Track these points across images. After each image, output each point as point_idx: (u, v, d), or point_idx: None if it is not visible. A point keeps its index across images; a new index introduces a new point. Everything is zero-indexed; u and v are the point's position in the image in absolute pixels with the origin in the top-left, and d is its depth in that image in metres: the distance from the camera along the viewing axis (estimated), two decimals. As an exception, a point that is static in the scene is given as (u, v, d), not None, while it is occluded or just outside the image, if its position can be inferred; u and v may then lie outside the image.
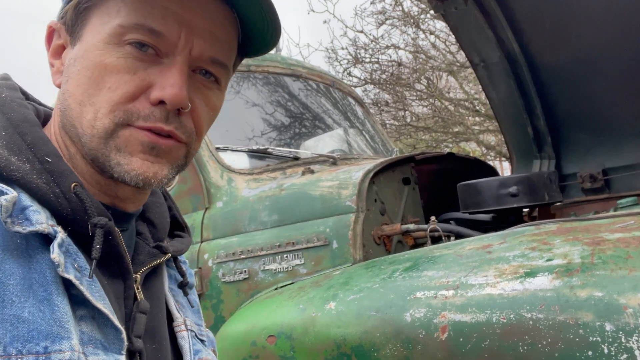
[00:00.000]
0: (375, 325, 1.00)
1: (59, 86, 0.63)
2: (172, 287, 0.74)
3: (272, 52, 2.85)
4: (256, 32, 0.66)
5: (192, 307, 0.76)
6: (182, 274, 0.75)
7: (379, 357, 0.98)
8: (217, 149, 1.78)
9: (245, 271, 1.50)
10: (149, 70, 0.59)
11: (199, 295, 1.57)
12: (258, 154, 1.83)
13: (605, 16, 1.98)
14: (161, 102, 0.58)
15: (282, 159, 1.86)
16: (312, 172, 1.68)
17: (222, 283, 1.54)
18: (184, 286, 0.75)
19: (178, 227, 0.79)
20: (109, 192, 0.63)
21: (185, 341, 0.70)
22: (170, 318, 0.71)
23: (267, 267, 1.47)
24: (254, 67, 2.10)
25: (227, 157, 1.78)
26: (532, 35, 2.23)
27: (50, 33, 0.66)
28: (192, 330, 0.72)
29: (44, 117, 0.67)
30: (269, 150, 1.83)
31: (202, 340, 0.75)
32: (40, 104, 0.70)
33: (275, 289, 1.43)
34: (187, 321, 0.72)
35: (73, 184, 0.56)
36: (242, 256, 1.52)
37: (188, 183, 1.76)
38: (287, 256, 1.46)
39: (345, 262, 1.38)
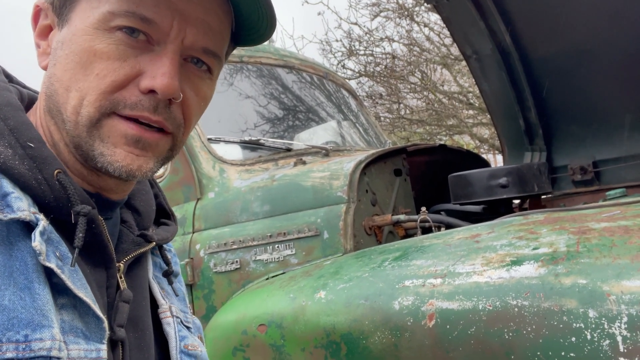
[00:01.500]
0: (364, 314, 1.02)
1: (44, 68, 0.62)
2: (157, 274, 0.74)
3: (266, 43, 2.85)
4: (250, 22, 0.65)
5: (177, 295, 0.76)
6: (167, 263, 0.74)
7: (368, 344, 0.99)
8: (209, 140, 1.78)
9: (236, 261, 1.51)
10: (139, 57, 0.57)
11: (191, 286, 1.58)
12: (250, 145, 1.83)
13: (598, 8, 1.99)
14: (151, 91, 0.57)
15: (275, 150, 1.86)
16: (304, 163, 1.68)
17: (214, 273, 1.54)
18: (168, 275, 0.74)
19: (164, 215, 0.79)
20: (92, 182, 0.62)
21: (171, 327, 0.69)
22: (155, 305, 0.71)
23: (258, 258, 1.48)
24: (247, 57, 2.09)
25: (219, 148, 1.78)
26: (524, 27, 2.23)
27: (37, 13, 0.64)
28: (177, 317, 0.72)
29: (28, 101, 0.66)
30: (261, 141, 1.84)
31: (188, 327, 0.74)
32: (25, 86, 0.69)
33: (267, 278, 1.44)
34: (173, 308, 0.72)
35: (56, 171, 0.56)
36: (234, 246, 1.53)
37: (180, 174, 1.76)
38: (278, 246, 1.46)
39: (336, 252, 1.39)
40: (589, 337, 0.78)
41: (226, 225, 1.59)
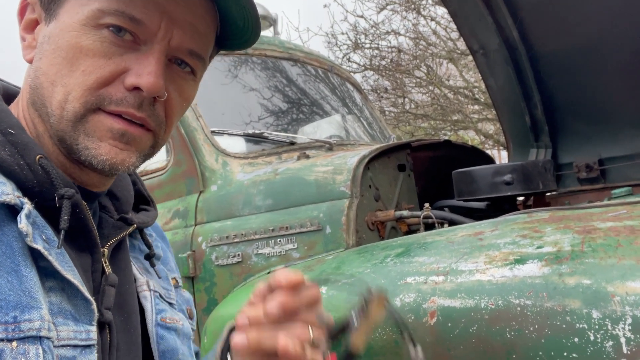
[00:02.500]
0: (366, 310, 1.01)
1: (29, 61, 0.62)
2: (135, 255, 0.75)
3: (271, 35, 2.82)
4: (235, 28, 0.66)
5: (160, 277, 0.76)
6: (149, 246, 0.75)
7: (368, 340, 0.99)
8: (213, 132, 1.77)
9: (238, 255, 1.50)
10: (125, 56, 0.58)
11: (192, 278, 1.58)
12: (254, 139, 1.83)
13: (607, 5, 1.96)
14: (136, 89, 0.58)
15: (278, 144, 1.85)
16: (308, 157, 1.67)
17: (216, 266, 1.54)
18: (150, 257, 0.75)
19: (144, 202, 0.80)
20: (74, 176, 0.63)
21: (147, 300, 0.70)
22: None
23: (260, 251, 1.48)
24: (251, 50, 2.07)
25: (223, 141, 1.77)
26: (532, 22, 2.20)
27: (24, 7, 0.65)
28: (156, 291, 0.72)
29: (4, 92, 0.66)
30: (265, 134, 1.83)
31: (170, 304, 0.75)
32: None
33: (268, 272, 1.44)
34: (151, 282, 0.72)
35: (38, 156, 0.56)
36: (236, 240, 1.52)
37: (183, 166, 1.75)
38: (280, 240, 1.46)
39: (338, 247, 1.38)
40: (592, 338, 0.77)
41: (228, 218, 1.59)
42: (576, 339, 0.78)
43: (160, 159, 1.83)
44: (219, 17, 0.65)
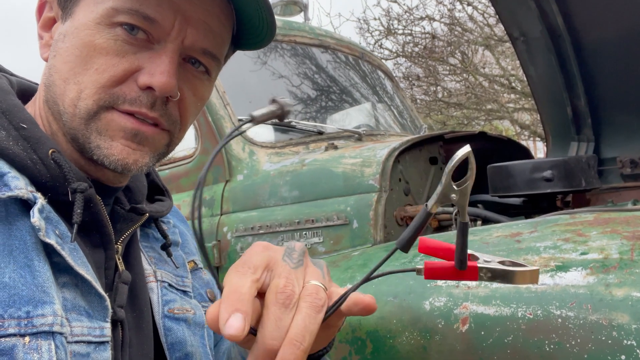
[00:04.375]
0: (392, 312, 0.97)
1: (46, 60, 0.62)
2: (149, 244, 0.73)
3: (301, 21, 2.77)
4: (251, 27, 0.65)
5: (177, 267, 0.75)
6: (164, 236, 0.74)
7: (395, 344, 0.94)
8: (240, 120, 1.74)
9: (263, 246, 1.48)
10: (138, 54, 0.58)
11: (217, 268, 1.57)
12: (281, 127, 1.79)
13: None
14: (149, 88, 0.57)
15: (306, 133, 1.81)
16: (336, 147, 1.62)
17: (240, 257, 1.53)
18: (166, 248, 0.74)
19: (159, 192, 0.79)
20: (90, 173, 0.62)
21: (154, 292, 0.69)
22: None
23: (285, 244, 1.45)
24: (281, 36, 2.03)
25: (250, 130, 1.74)
26: (578, 8, 2.08)
27: (42, 5, 0.65)
28: (164, 281, 0.71)
29: (19, 88, 0.66)
30: (293, 123, 1.79)
31: (184, 292, 0.74)
32: (12, 74, 0.69)
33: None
34: (159, 272, 0.71)
35: (51, 150, 0.56)
36: (261, 231, 1.50)
37: (210, 154, 1.74)
38: (305, 234, 1.42)
39: (365, 243, 1.34)
40: (641, 356, 0.70)
41: (254, 209, 1.56)
42: (623, 357, 0.72)
43: (188, 146, 1.82)
44: (234, 15, 0.64)
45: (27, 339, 0.47)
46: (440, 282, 0.95)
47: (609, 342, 0.74)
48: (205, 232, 1.64)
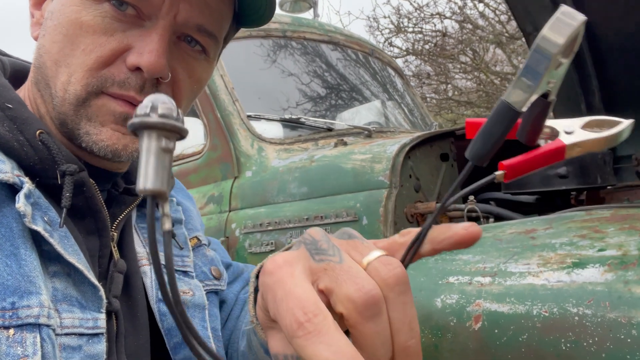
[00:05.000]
0: (403, 309, 0.95)
1: (36, 39, 0.59)
2: (143, 224, 0.70)
3: (310, 17, 2.75)
4: (251, 1, 0.61)
5: (181, 248, 0.72)
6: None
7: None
8: (249, 117, 1.73)
9: (272, 243, 1.47)
10: (128, 32, 0.54)
11: (226, 265, 1.56)
12: (290, 124, 1.78)
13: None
14: (138, 69, 0.54)
15: (315, 130, 1.80)
16: (345, 144, 1.61)
17: (249, 254, 1.51)
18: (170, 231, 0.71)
19: None
20: (82, 157, 0.59)
21: (147, 276, 0.65)
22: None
23: (294, 240, 1.43)
24: (290, 32, 2.01)
25: (259, 126, 1.73)
26: (593, 3, 2.03)
27: None
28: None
29: (13, 69, 0.64)
30: (302, 120, 1.77)
31: (184, 272, 0.70)
32: (6, 54, 0.67)
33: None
34: None
35: (38, 131, 0.53)
36: (269, 228, 1.49)
37: (218, 151, 1.73)
38: (314, 230, 1.41)
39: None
40: (662, 356, 0.68)
41: (262, 205, 1.55)
42: (643, 356, 0.69)
43: (197, 143, 1.82)
44: None
45: (11, 331, 0.45)
46: (452, 279, 0.93)
47: (628, 340, 0.71)
48: (214, 229, 1.63)
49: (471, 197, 1.39)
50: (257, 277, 0.51)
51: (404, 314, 0.35)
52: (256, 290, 0.49)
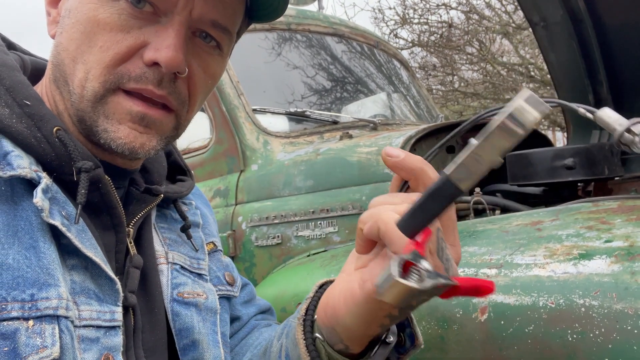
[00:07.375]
0: (409, 301, 0.95)
1: (53, 37, 0.60)
2: (166, 225, 0.71)
3: (315, 10, 2.74)
4: None
5: (197, 250, 0.73)
6: (183, 217, 0.72)
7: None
8: (254, 110, 1.73)
9: (278, 236, 1.48)
10: (144, 29, 0.55)
11: (232, 258, 1.57)
12: (296, 117, 1.78)
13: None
14: (155, 64, 0.55)
15: (320, 123, 1.80)
16: (351, 137, 1.61)
17: (255, 247, 1.52)
18: (186, 230, 0.72)
19: (181, 172, 0.77)
20: (97, 155, 0.60)
21: (163, 275, 0.66)
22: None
23: (300, 234, 1.44)
24: (294, 25, 2.01)
25: (264, 120, 1.73)
26: (601, -8, 2.01)
27: None
28: (175, 263, 0.68)
29: (33, 67, 0.65)
30: (307, 113, 1.77)
31: (199, 274, 0.71)
32: (27, 53, 0.68)
33: (308, 255, 1.40)
34: (170, 254, 0.68)
35: (55, 128, 0.54)
36: (276, 221, 1.49)
37: (224, 144, 1.73)
38: (320, 223, 1.41)
39: (381, 232, 1.32)
40: (669, 346, 0.68)
41: (268, 198, 1.56)
42: (650, 347, 0.69)
43: (203, 136, 1.82)
44: None
45: (30, 322, 0.46)
46: (459, 270, 0.93)
47: (635, 331, 0.71)
48: (220, 222, 1.64)
49: (477, 189, 1.39)
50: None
51: None
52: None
